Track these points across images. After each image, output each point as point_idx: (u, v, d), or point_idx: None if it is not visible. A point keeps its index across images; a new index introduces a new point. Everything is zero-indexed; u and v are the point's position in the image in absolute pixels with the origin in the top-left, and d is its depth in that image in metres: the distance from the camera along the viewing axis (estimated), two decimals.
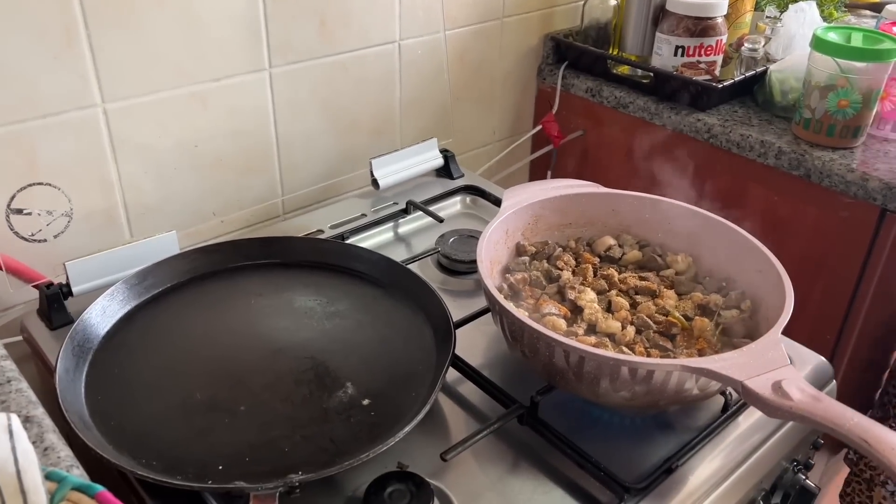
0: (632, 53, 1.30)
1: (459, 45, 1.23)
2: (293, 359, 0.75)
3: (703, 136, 1.17)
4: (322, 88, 1.08)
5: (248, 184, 1.06)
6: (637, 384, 0.66)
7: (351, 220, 1.05)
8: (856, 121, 1.07)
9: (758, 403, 0.61)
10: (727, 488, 0.70)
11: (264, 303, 0.83)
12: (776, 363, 0.64)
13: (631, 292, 0.82)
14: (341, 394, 0.71)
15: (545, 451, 0.71)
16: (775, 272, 0.76)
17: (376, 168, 1.08)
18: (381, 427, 0.68)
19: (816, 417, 0.58)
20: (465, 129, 1.32)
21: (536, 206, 0.88)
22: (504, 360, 0.83)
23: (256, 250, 0.89)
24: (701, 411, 0.77)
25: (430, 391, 0.69)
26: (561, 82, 1.35)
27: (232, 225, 1.07)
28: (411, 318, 0.81)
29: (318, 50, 1.05)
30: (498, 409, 0.74)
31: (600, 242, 0.89)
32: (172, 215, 1.00)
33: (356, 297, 0.84)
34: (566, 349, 0.66)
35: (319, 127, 1.11)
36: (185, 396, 0.70)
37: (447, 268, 0.97)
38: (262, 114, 1.03)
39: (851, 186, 1.03)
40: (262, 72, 1.01)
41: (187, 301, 0.83)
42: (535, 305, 0.80)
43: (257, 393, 0.71)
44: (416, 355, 0.76)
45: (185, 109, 0.95)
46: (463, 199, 1.12)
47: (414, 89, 1.20)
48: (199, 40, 0.93)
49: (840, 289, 1.10)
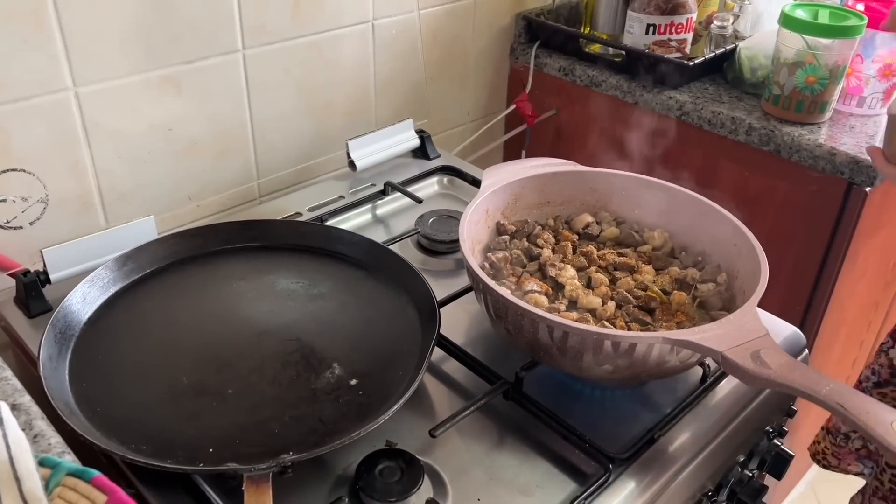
0: (603, 32, 1.31)
1: (433, 25, 1.22)
2: (279, 341, 0.75)
3: (675, 113, 1.19)
4: (296, 70, 1.07)
5: (224, 167, 1.05)
6: (619, 357, 0.68)
7: (329, 202, 1.05)
8: (823, 96, 1.09)
9: (737, 373, 0.63)
10: (707, 456, 0.72)
11: (246, 286, 0.83)
12: (754, 333, 0.66)
13: (610, 268, 0.84)
14: (329, 374, 0.71)
15: (530, 425, 0.73)
16: (749, 245, 0.78)
17: (353, 149, 1.08)
18: (370, 406, 0.68)
19: (794, 384, 0.60)
20: (440, 109, 1.32)
21: (515, 186, 0.89)
22: (487, 337, 0.84)
23: (236, 234, 0.89)
24: (680, 382, 0.79)
25: (417, 370, 0.70)
26: (534, 61, 1.35)
27: (208, 209, 1.06)
28: (395, 299, 0.81)
29: (291, 31, 1.04)
30: (483, 386, 0.76)
31: (578, 220, 0.90)
32: (148, 200, 0.99)
33: (339, 279, 0.85)
34: (550, 325, 0.67)
35: (294, 109, 1.10)
36: (172, 381, 0.70)
37: (427, 248, 0.97)
38: (236, 96, 1.02)
39: (819, 161, 1.06)
40: (236, 53, 0.99)
41: (168, 286, 0.82)
42: (517, 283, 0.81)
43: (244, 376, 0.71)
44: (401, 335, 0.77)
45: (158, 93, 0.94)
46: (440, 180, 1.13)
47: (388, 69, 1.19)
48: (172, 22, 0.91)
49: (809, 261, 1.13)
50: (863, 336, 1.48)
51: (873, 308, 1.44)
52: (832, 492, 1.80)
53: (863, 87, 1.14)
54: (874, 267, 1.28)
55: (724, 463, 0.74)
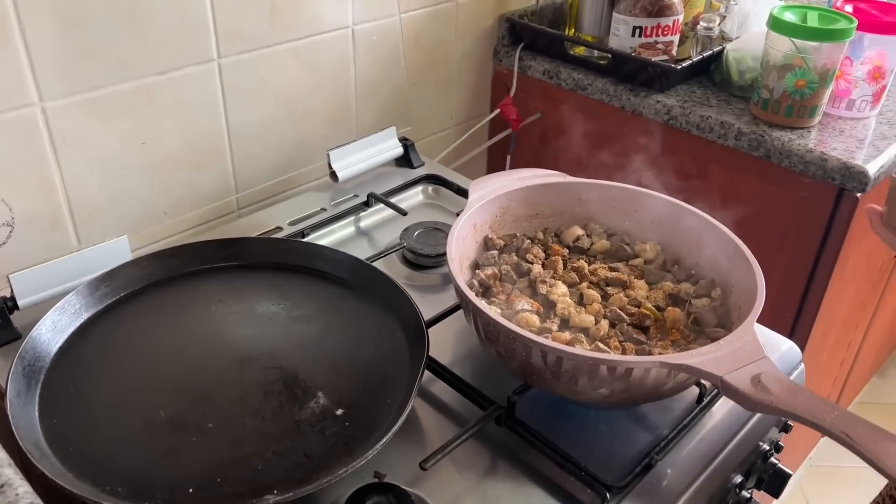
0: (589, 34, 1.29)
1: (414, 29, 1.19)
2: (261, 369, 0.72)
3: (663, 117, 1.17)
4: (274, 78, 1.04)
5: (200, 181, 1.01)
6: (615, 381, 0.65)
7: (310, 215, 1.02)
8: (813, 100, 1.08)
9: (737, 398, 0.61)
10: (706, 478, 0.70)
11: (226, 310, 0.80)
12: (753, 356, 0.64)
13: (602, 284, 0.81)
14: (313, 404, 0.68)
15: (523, 451, 0.70)
16: (744, 259, 0.76)
17: (334, 160, 1.04)
18: (357, 438, 0.66)
19: (797, 412, 0.58)
20: (422, 114, 1.29)
21: (503, 198, 0.86)
22: (475, 356, 0.82)
23: (214, 253, 0.85)
24: (675, 402, 0.77)
25: (406, 397, 0.67)
26: (517, 64, 1.33)
27: (185, 224, 1.02)
28: (381, 320, 0.78)
29: (268, 38, 1.00)
30: (473, 410, 0.73)
31: (568, 233, 0.88)
32: (121, 217, 0.95)
33: (321, 299, 0.82)
34: (543, 349, 0.65)
35: (273, 118, 1.06)
36: (149, 415, 0.67)
37: (413, 262, 0.94)
38: (211, 106, 0.98)
39: (810, 167, 1.04)
40: (211, 62, 0.96)
41: (144, 311, 0.79)
42: (507, 301, 0.78)
43: (225, 408, 0.68)
44: (388, 359, 0.74)
45: (130, 105, 0.90)
46: (425, 189, 1.10)
47: (369, 75, 1.16)
48: (142, 31, 0.87)
49: (799, 267, 1.12)
50: (851, 337, 1.48)
51: (861, 309, 1.44)
52: (820, 489, 1.80)
53: (852, 90, 1.12)
54: (863, 270, 1.28)
55: (723, 484, 0.72)
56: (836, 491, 1.28)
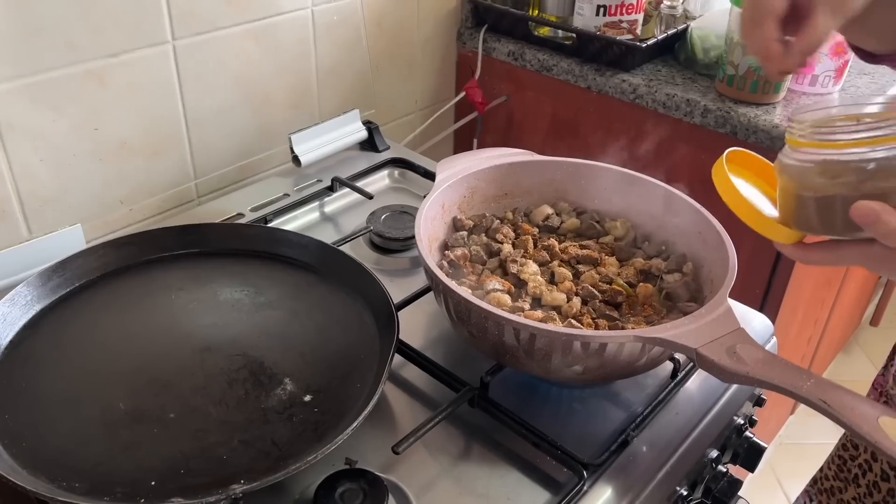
0: (553, 14, 1.27)
1: (377, 10, 1.17)
2: (224, 357, 0.69)
3: (629, 96, 1.16)
4: (232, 61, 1.00)
5: (157, 168, 0.98)
6: (590, 358, 0.64)
7: (272, 201, 0.99)
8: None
9: (713, 370, 0.60)
10: (682, 454, 0.70)
11: (186, 297, 0.77)
12: (728, 327, 0.63)
13: (573, 262, 0.80)
14: (280, 391, 0.66)
15: (498, 432, 0.69)
16: (715, 233, 0.76)
17: (296, 144, 1.02)
18: (326, 424, 0.63)
19: (774, 381, 0.57)
20: (387, 98, 1.27)
21: (471, 178, 0.84)
22: (447, 338, 0.80)
23: (173, 240, 0.82)
24: (649, 378, 0.76)
25: (376, 381, 0.65)
26: (482, 46, 1.31)
27: (142, 213, 0.99)
28: (349, 304, 0.76)
29: (225, 19, 0.97)
30: (446, 392, 0.71)
31: (538, 212, 0.86)
32: (75, 207, 0.91)
33: (287, 285, 0.79)
34: (516, 327, 0.63)
35: (231, 102, 1.03)
36: (106, 408, 0.64)
37: (380, 246, 0.92)
38: (167, 91, 0.95)
39: (777, 142, 1.04)
40: (165, 45, 0.92)
41: (100, 301, 0.75)
42: (478, 281, 0.76)
43: (187, 398, 0.65)
44: (357, 343, 0.72)
45: (81, 89, 0.87)
46: (391, 173, 1.07)
47: (331, 58, 1.13)
48: (91, 12, 0.84)
49: (768, 242, 1.11)
50: (818, 314, 1.49)
51: (827, 286, 1.45)
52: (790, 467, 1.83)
53: (814, 66, 1.12)
54: None
55: (699, 460, 0.72)
56: (806, 467, 1.29)
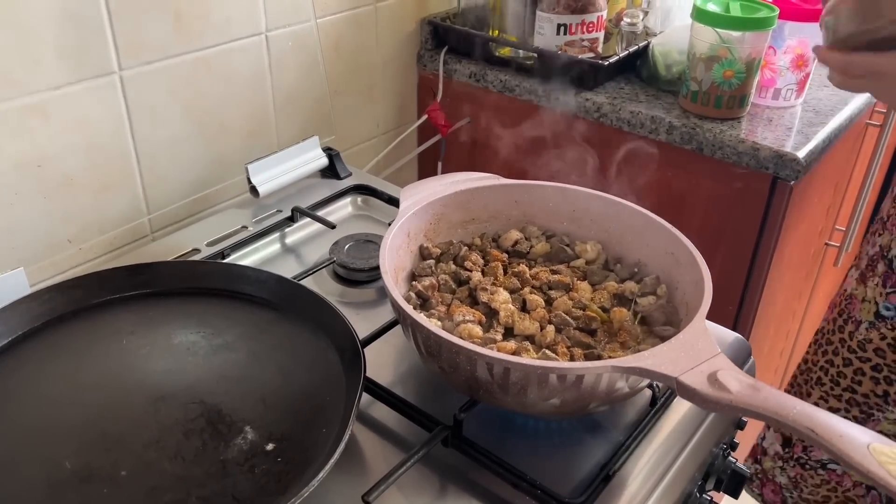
0: (513, 35, 1.26)
1: (333, 34, 1.14)
2: (179, 406, 0.65)
3: (593, 115, 1.15)
4: (183, 90, 0.97)
5: (107, 204, 0.93)
6: (566, 390, 0.61)
7: (230, 234, 0.95)
8: (741, 90, 1.07)
9: (695, 399, 0.58)
10: (666, 485, 0.67)
11: (138, 342, 0.72)
12: (707, 353, 0.61)
13: (544, 287, 0.77)
14: (240, 441, 0.62)
15: (474, 472, 0.65)
16: (687, 253, 0.74)
17: (254, 174, 0.98)
18: (291, 474, 0.59)
19: (758, 409, 0.55)
20: (347, 124, 1.24)
21: (437, 204, 0.81)
22: (416, 373, 0.77)
23: (123, 281, 0.78)
24: (627, 406, 0.73)
25: (343, 426, 0.61)
26: (443, 68, 1.29)
27: (93, 252, 0.94)
28: (312, 342, 0.72)
29: (175, 47, 0.93)
30: (418, 432, 0.68)
31: (506, 237, 0.84)
32: (18, 248, 0.86)
33: (246, 325, 0.75)
34: (489, 361, 0.60)
35: (184, 133, 0.99)
36: (52, 468, 0.59)
37: (345, 278, 0.89)
38: (115, 123, 0.91)
39: (743, 157, 1.03)
40: (111, 75, 0.88)
41: (45, 350, 0.70)
42: (447, 312, 0.73)
43: (140, 452, 0.60)
44: (321, 384, 0.68)
45: (21, 124, 0.82)
46: (353, 200, 1.04)
47: (287, 85, 1.10)
48: (30, 43, 0.80)
49: (739, 259, 1.11)
50: (789, 326, 1.49)
51: (797, 298, 1.45)
52: None
53: (776, 79, 1.12)
54: (797, 258, 1.28)
55: (684, 491, 0.69)
56: None
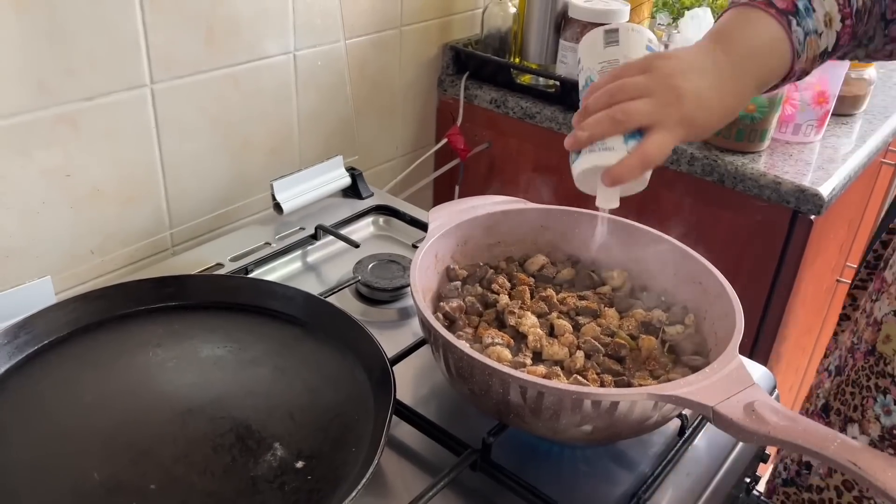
0: (534, 62, 1.27)
1: (359, 56, 1.15)
2: (207, 420, 0.64)
3: None
4: (211, 105, 0.97)
5: (131, 216, 0.93)
6: (600, 416, 0.61)
7: (253, 250, 0.95)
8: (762, 124, 1.08)
9: (731, 429, 0.57)
10: None
11: (164, 355, 0.72)
12: (742, 383, 0.61)
13: (572, 313, 0.77)
14: (270, 457, 0.61)
15: (500, 497, 0.65)
16: (716, 283, 0.74)
17: (279, 191, 0.98)
18: (321, 492, 0.59)
19: (798, 441, 0.55)
20: (368, 144, 1.24)
21: (465, 227, 0.81)
22: (440, 394, 0.76)
23: (150, 293, 0.77)
24: (655, 436, 0.73)
25: (374, 446, 0.60)
26: (463, 93, 1.30)
27: (114, 263, 0.94)
28: (339, 360, 0.72)
29: (205, 62, 0.94)
30: (443, 455, 0.67)
31: (533, 262, 0.84)
32: (43, 257, 0.86)
33: (273, 340, 0.75)
34: (523, 384, 0.60)
35: (210, 148, 0.99)
36: (79, 479, 0.58)
37: (368, 297, 0.88)
38: (144, 136, 0.91)
39: (765, 190, 1.04)
40: (143, 88, 0.89)
41: (71, 360, 0.70)
42: (475, 335, 0.73)
43: (169, 466, 0.60)
44: (349, 403, 0.68)
45: (52, 133, 0.82)
46: (375, 221, 1.04)
47: (312, 104, 1.11)
48: (67, 54, 0.80)
49: (757, 291, 1.11)
50: (800, 362, 1.48)
51: (807, 333, 1.45)
52: None
53: (797, 115, 1.13)
54: (812, 294, 1.28)
55: None
56: None
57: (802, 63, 0.66)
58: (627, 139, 0.63)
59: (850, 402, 0.72)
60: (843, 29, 0.67)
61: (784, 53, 0.64)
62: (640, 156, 0.61)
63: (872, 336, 0.71)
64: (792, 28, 0.64)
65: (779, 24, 0.64)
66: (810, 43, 0.65)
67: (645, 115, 0.62)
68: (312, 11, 1.04)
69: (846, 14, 0.66)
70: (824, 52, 0.67)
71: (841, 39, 0.67)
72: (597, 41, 0.70)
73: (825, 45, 0.66)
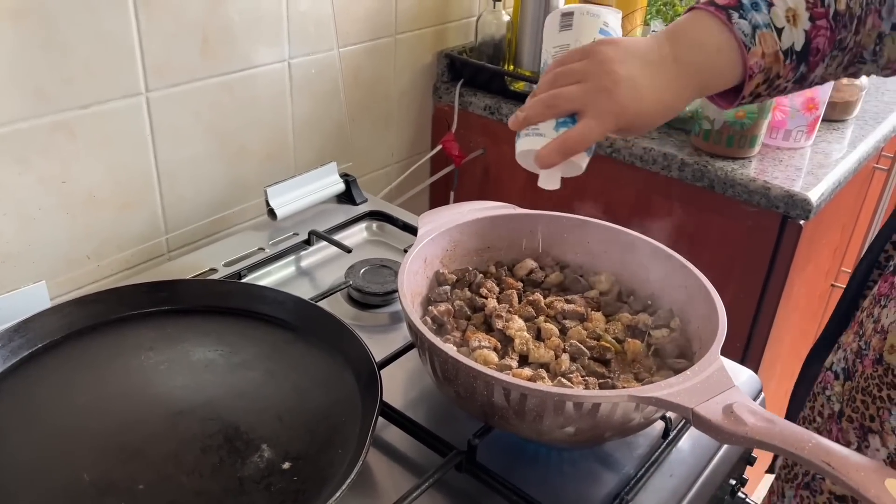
0: (528, 69, 1.28)
1: (353, 64, 1.16)
2: (197, 422, 0.65)
3: (606, 150, 1.17)
4: (207, 113, 0.99)
5: (127, 221, 0.95)
6: (582, 418, 0.62)
7: (247, 255, 0.96)
8: (752, 131, 1.09)
9: (710, 430, 0.58)
10: None
11: (157, 358, 0.73)
12: (722, 385, 0.62)
13: (559, 317, 0.78)
14: (257, 458, 0.62)
15: (485, 498, 0.66)
16: (701, 287, 0.75)
17: (272, 197, 0.99)
18: (307, 493, 0.60)
19: (774, 441, 0.55)
20: (363, 151, 1.26)
21: (454, 231, 0.82)
22: (428, 397, 0.77)
23: (143, 297, 0.78)
24: (640, 437, 0.74)
25: (359, 447, 0.61)
26: (458, 100, 1.31)
27: (110, 269, 0.95)
28: (329, 363, 0.73)
29: (200, 70, 0.96)
30: (430, 456, 0.68)
31: (521, 266, 0.85)
32: (39, 262, 0.87)
33: (263, 344, 0.76)
34: (506, 387, 0.61)
35: (205, 155, 1.01)
36: (71, 479, 0.59)
37: (359, 301, 0.90)
38: (139, 143, 0.92)
39: (755, 196, 1.05)
40: (138, 96, 0.90)
41: (65, 363, 0.71)
42: (463, 338, 0.74)
43: (158, 466, 0.61)
44: (337, 405, 0.69)
45: (49, 141, 0.84)
46: (368, 226, 1.06)
47: (307, 111, 1.12)
48: (63, 62, 0.82)
49: (748, 295, 1.12)
50: (794, 367, 1.49)
51: (802, 337, 1.45)
52: None
53: (787, 121, 1.14)
54: (805, 298, 1.29)
55: None
56: None
57: (758, 58, 0.62)
58: (559, 125, 0.63)
59: (863, 410, 0.71)
60: (814, 29, 0.64)
61: (731, 50, 0.62)
62: (560, 142, 0.62)
63: (879, 344, 0.70)
64: (733, 20, 0.61)
65: (719, 20, 0.62)
66: (763, 37, 0.62)
67: (574, 100, 0.61)
68: (306, 20, 1.05)
69: (817, 14, 0.63)
70: (791, 50, 0.63)
71: (815, 42, 0.65)
72: (554, 25, 0.70)
73: (789, 42, 0.63)
